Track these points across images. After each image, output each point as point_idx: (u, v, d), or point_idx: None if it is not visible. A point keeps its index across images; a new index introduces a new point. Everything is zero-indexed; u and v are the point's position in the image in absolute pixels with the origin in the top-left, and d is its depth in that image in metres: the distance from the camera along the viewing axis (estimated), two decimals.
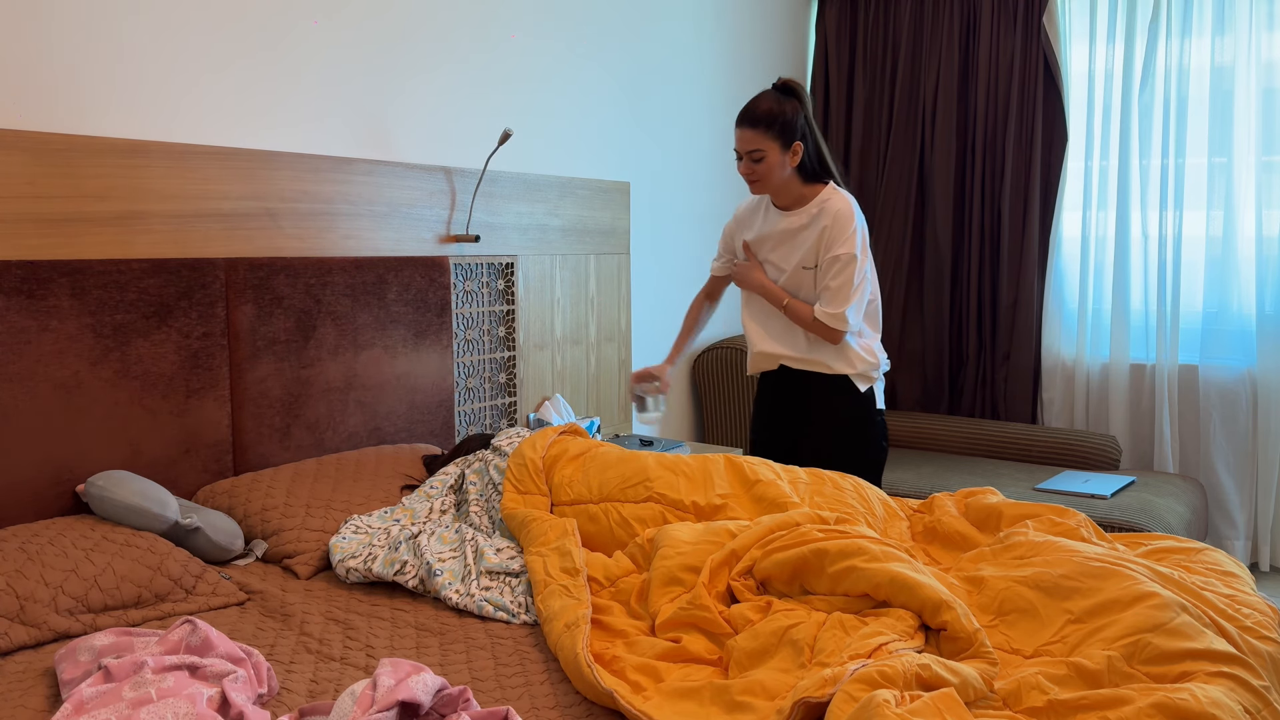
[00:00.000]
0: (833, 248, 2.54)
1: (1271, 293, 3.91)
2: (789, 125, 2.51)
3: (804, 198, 2.61)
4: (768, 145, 2.51)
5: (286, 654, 1.75)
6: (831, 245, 2.54)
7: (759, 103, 2.52)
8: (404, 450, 2.71)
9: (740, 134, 2.53)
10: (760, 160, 2.53)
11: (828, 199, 2.58)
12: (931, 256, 4.51)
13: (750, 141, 2.52)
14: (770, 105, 2.51)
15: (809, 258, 2.59)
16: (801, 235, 2.59)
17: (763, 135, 2.50)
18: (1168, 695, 1.35)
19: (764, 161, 2.53)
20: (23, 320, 2.11)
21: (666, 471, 2.21)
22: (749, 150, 2.53)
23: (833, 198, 2.58)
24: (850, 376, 2.64)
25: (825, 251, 2.55)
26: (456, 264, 3.07)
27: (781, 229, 2.63)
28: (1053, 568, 1.74)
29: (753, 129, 2.51)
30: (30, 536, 1.95)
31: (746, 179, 2.58)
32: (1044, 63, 4.21)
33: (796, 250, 2.61)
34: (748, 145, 2.52)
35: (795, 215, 2.61)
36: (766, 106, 2.51)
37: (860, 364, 2.63)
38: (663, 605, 1.78)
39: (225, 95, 2.51)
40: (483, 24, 3.17)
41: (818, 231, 2.57)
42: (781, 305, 2.61)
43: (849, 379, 2.65)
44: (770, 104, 2.51)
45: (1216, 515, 4.03)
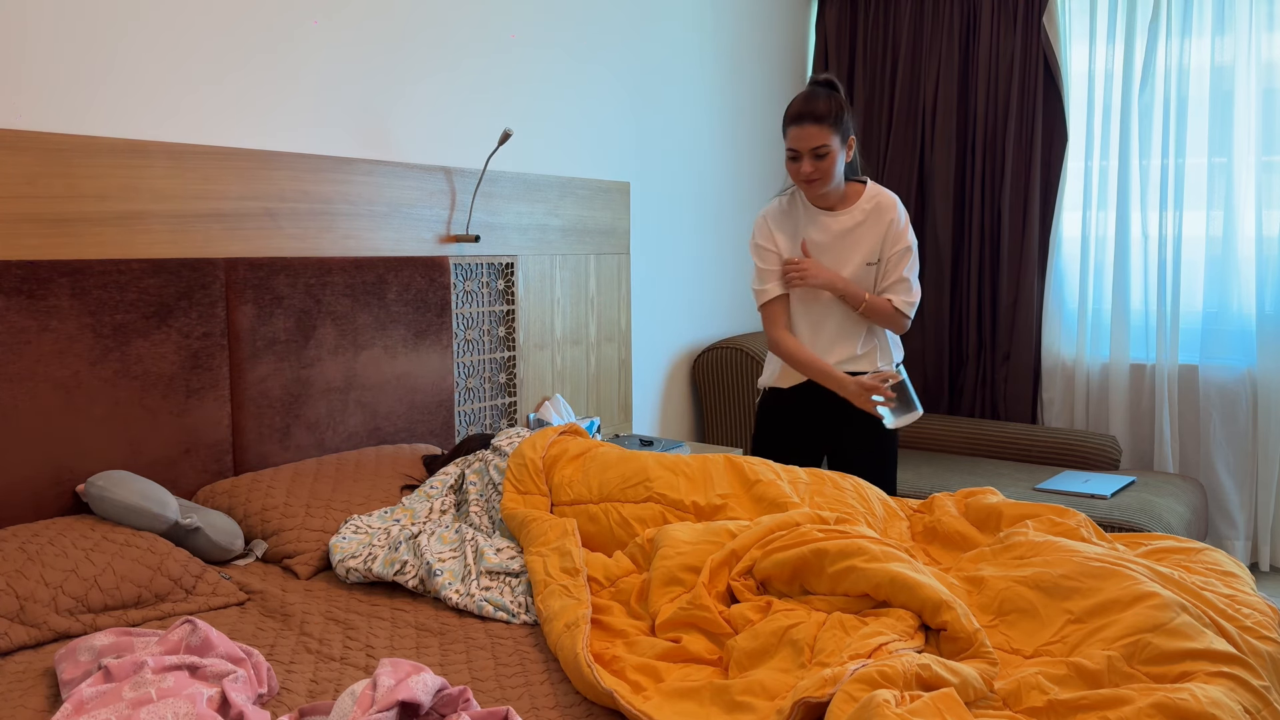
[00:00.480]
0: (900, 240, 2.60)
1: (1271, 293, 3.91)
2: (845, 120, 2.53)
3: (850, 195, 2.63)
4: (831, 140, 2.50)
5: (286, 654, 1.75)
6: (899, 239, 2.60)
7: (816, 100, 2.50)
8: (404, 450, 2.71)
9: (803, 131, 2.50)
10: (824, 156, 2.51)
11: (879, 195, 2.63)
12: (931, 256, 4.51)
13: (815, 138, 2.49)
14: (827, 102, 2.50)
15: (872, 253, 2.61)
16: (859, 232, 2.61)
17: (827, 130, 2.49)
18: (1168, 695, 1.35)
19: (828, 158, 2.51)
20: (23, 320, 2.11)
21: (666, 471, 2.21)
22: (814, 147, 2.50)
23: (883, 193, 2.63)
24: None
25: (893, 245, 2.60)
26: (456, 264, 3.07)
27: (836, 229, 2.62)
28: (1053, 568, 1.74)
29: (817, 125, 2.48)
30: (30, 536, 1.95)
31: (807, 178, 2.54)
32: (1044, 63, 4.21)
33: (857, 247, 2.61)
34: (813, 142, 2.49)
35: (848, 214, 2.62)
36: (826, 103, 2.50)
37: (898, 355, 2.72)
38: (663, 605, 1.78)
39: (225, 95, 2.51)
40: (483, 24, 3.17)
41: (882, 225, 2.60)
42: (862, 300, 2.59)
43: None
44: (828, 100, 2.50)
45: (1216, 515, 4.03)
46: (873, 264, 2.62)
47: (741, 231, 4.44)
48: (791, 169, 2.55)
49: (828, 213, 2.63)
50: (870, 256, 2.61)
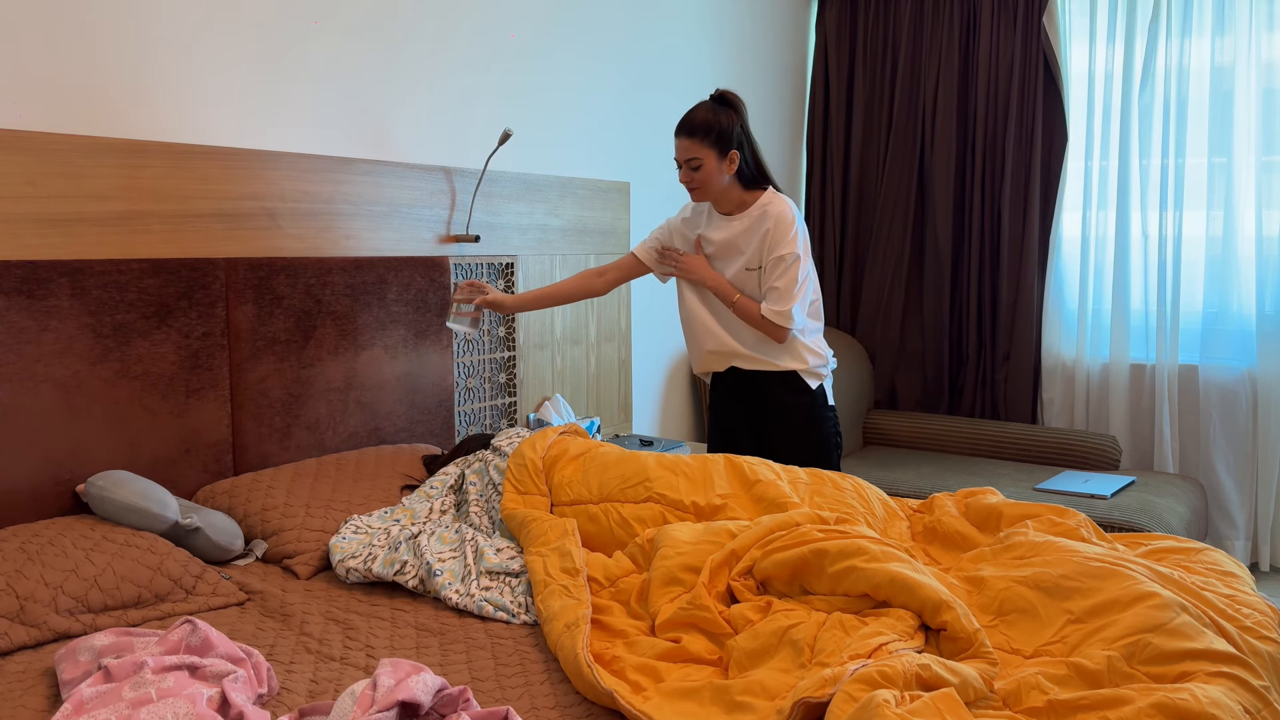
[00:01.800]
0: (776, 248, 2.62)
1: (1271, 293, 3.91)
2: (725, 134, 2.59)
3: (745, 203, 2.68)
4: (703, 154, 2.59)
5: (286, 654, 1.75)
6: (775, 246, 2.62)
7: (695, 113, 2.60)
8: (404, 450, 2.71)
9: (678, 143, 2.62)
10: (698, 168, 2.60)
11: (769, 203, 2.66)
12: (931, 256, 4.50)
13: (687, 150, 2.60)
14: (706, 115, 2.59)
15: (753, 259, 2.66)
16: (744, 238, 2.67)
17: (698, 144, 2.58)
18: (1168, 695, 1.35)
19: (701, 169, 2.60)
20: (23, 320, 2.11)
21: (666, 471, 2.21)
22: (686, 159, 2.61)
23: (773, 201, 2.67)
24: (800, 373, 2.71)
25: (769, 252, 2.63)
26: (456, 264, 3.07)
27: (725, 233, 2.69)
28: (1053, 568, 1.74)
29: (689, 138, 2.59)
30: (30, 536, 1.95)
31: (686, 186, 2.66)
32: (1044, 63, 4.21)
33: (740, 253, 2.68)
34: (685, 154, 2.61)
35: (738, 220, 2.68)
36: (702, 117, 2.59)
37: (811, 359, 2.71)
38: (663, 605, 1.78)
39: (225, 95, 2.51)
40: (483, 24, 3.17)
41: (761, 234, 2.64)
42: (732, 300, 2.66)
43: (799, 376, 2.71)
44: (706, 114, 2.59)
45: (1216, 515, 4.03)
46: (753, 269, 2.67)
47: None
48: (679, 176, 2.67)
49: (723, 216, 2.72)
50: (750, 262, 2.67)
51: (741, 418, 2.80)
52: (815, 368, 2.72)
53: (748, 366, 2.73)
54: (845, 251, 4.73)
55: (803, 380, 2.71)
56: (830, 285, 4.77)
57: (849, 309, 4.76)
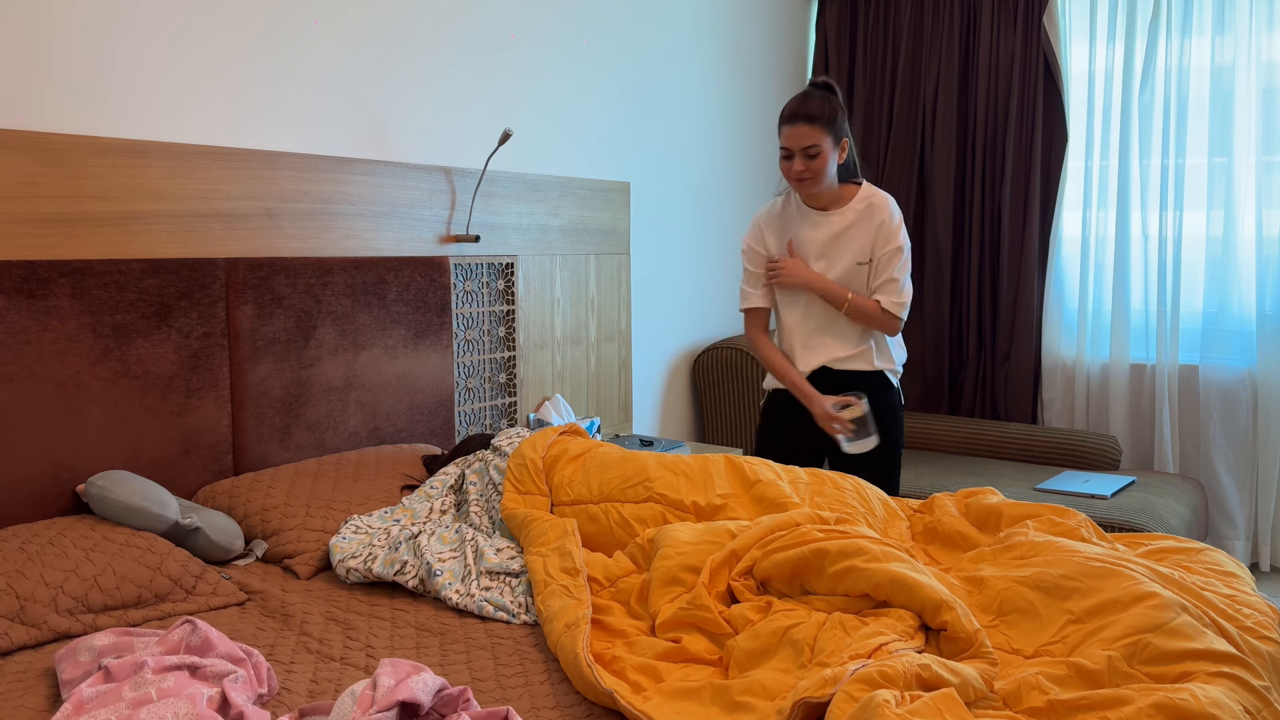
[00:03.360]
0: (891, 240, 2.61)
1: (1271, 293, 3.91)
2: (838, 122, 2.57)
3: (843, 196, 2.66)
4: (823, 141, 2.54)
5: (286, 654, 1.75)
6: (890, 239, 2.61)
7: (810, 101, 2.54)
8: (404, 450, 2.71)
9: (795, 131, 2.54)
10: (815, 156, 2.55)
11: (872, 195, 2.65)
12: (931, 256, 4.50)
13: (807, 137, 2.53)
14: (821, 103, 2.54)
15: (864, 253, 2.63)
16: (851, 232, 2.63)
17: (820, 131, 2.53)
18: (1168, 695, 1.35)
19: (819, 157, 2.55)
20: (23, 320, 2.11)
21: (666, 471, 2.21)
22: (805, 146, 2.54)
23: (876, 194, 2.65)
24: (887, 372, 2.70)
25: (884, 245, 2.61)
26: (456, 264, 3.07)
27: (826, 229, 2.65)
28: (1053, 568, 1.74)
29: (809, 125, 2.53)
30: (30, 536, 1.95)
31: (798, 177, 2.58)
32: (1044, 63, 4.21)
33: (849, 247, 2.64)
34: (804, 141, 2.53)
35: (841, 214, 2.65)
36: (819, 103, 2.54)
37: (898, 356, 2.72)
38: (663, 605, 1.78)
39: (225, 95, 2.51)
40: (483, 24, 3.17)
41: (874, 226, 2.62)
42: (844, 300, 2.61)
43: (885, 375, 2.70)
44: (821, 102, 2.55)
45: (1216, 515, 4.03)
46: (864, 264, 2.64)
47: (741, 231, 4.44)
48: (784, 167, 2.60)
49: (820, 212, 2.66)
50: (861, 256, 2.64)
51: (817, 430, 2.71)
52: (899, 365, 2.72)
53: (841, 367, 2.68)
54: None
55: (888, 379, 2.70)
56: None
57: None
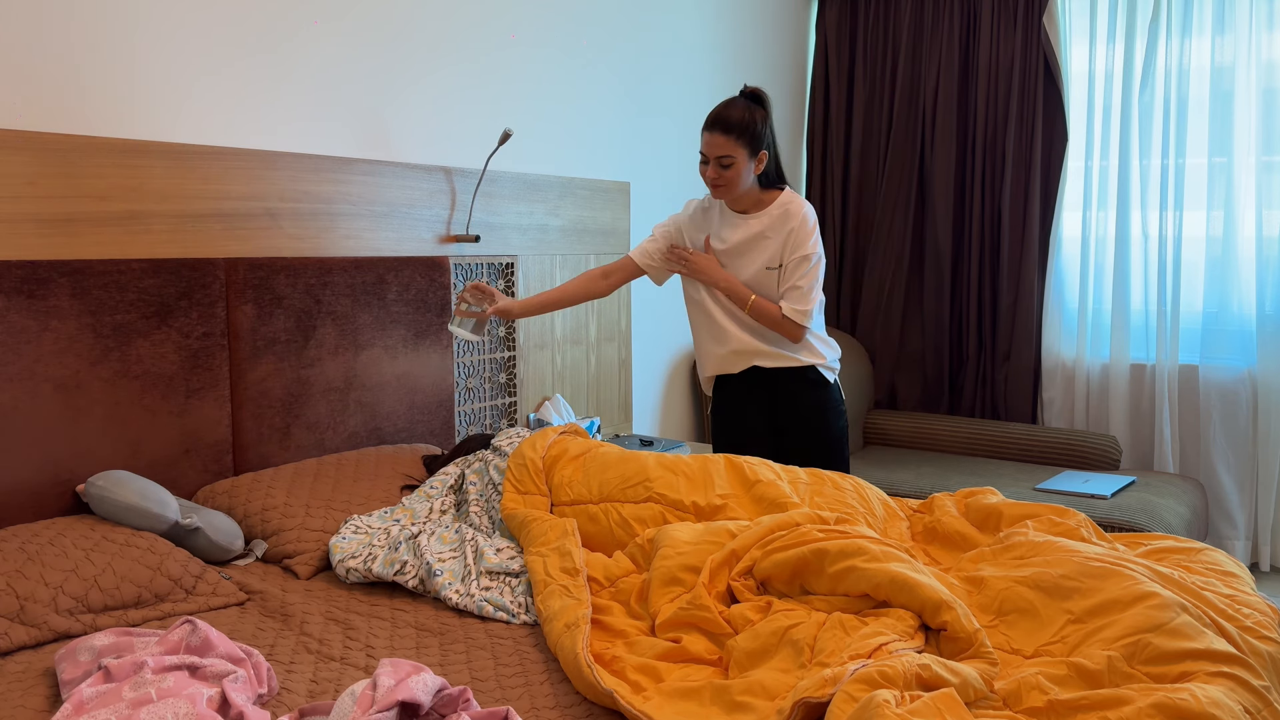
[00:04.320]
0: (800, 248, 2.61)
1: (1271, 293, 3.90)
2: (758, 134, 2.56)
3: (763, 201, 2.66)
4: (736, 152, 2.54)
5: (286, 654, 1.75)
6: (798, 245, 2.61)
7: (731, 110, 2.55)
8: (404, 450, 2.71)
9: (710, 139, 2.55)
10: (729, 166, 2.56)
11: (789, 202, 2.65)
12: (931, 256, 4.50)
13: (721, 147, 2.54)
14: (742, 113, 2.54)
15: (774, 259, 2.64)
16: (765, 237, 2.64)
17: (734, 142, 2.53)
18: (1168, 695, 1.35)
19: (732, 168, 2.56)
20: (23, 320, 2.11)
21: (666, 471, 2.21)
22: (719, 156, 2.55)
23: (793, 200, 2.65)
24: (819, 367, 2.71)
25: (792, 251, 2.61)
26: (456, 264, 3.07)
27: (742, 232, 2.66)
28: (1053, 568, 1.74)
29: (724, 135, 2.53)
30: (30, 536, 1.95)
31: (711, 183, 2.60)
32: (1044, 63, 4.21)
33: (760, 252, 2.65)
34: (718, 151, 2.55)
35: (757, 218, 2.65)
36: (739, 114, 2.54)
37: (827, 352, 2.72)
38: (663, 605, 1.78)
39: (225, 95, 2.51)
40: (483, 24, 3.17)
41: (785, 233, 2.62)
42: (747, 301, 2.63)
43: (819, 370, 2.71)
44: (742, 112, 2.54)
45: (1216, 515, 4.03)
46: (773, 269, 2.65)
47: None
48: (701, 171, 2.61)
49: (739, 215, 2.68)
50: (771, 261, 2.65)
51: (755, 418, 2.76)
52: (831, 361, 2.72)
53: (769, 364, 2.70)
54: (845, 252, 4.73)
55: (821, 374, 2.71)
56: (830, 285, 4.77)
57: (849, 309, 4.76)
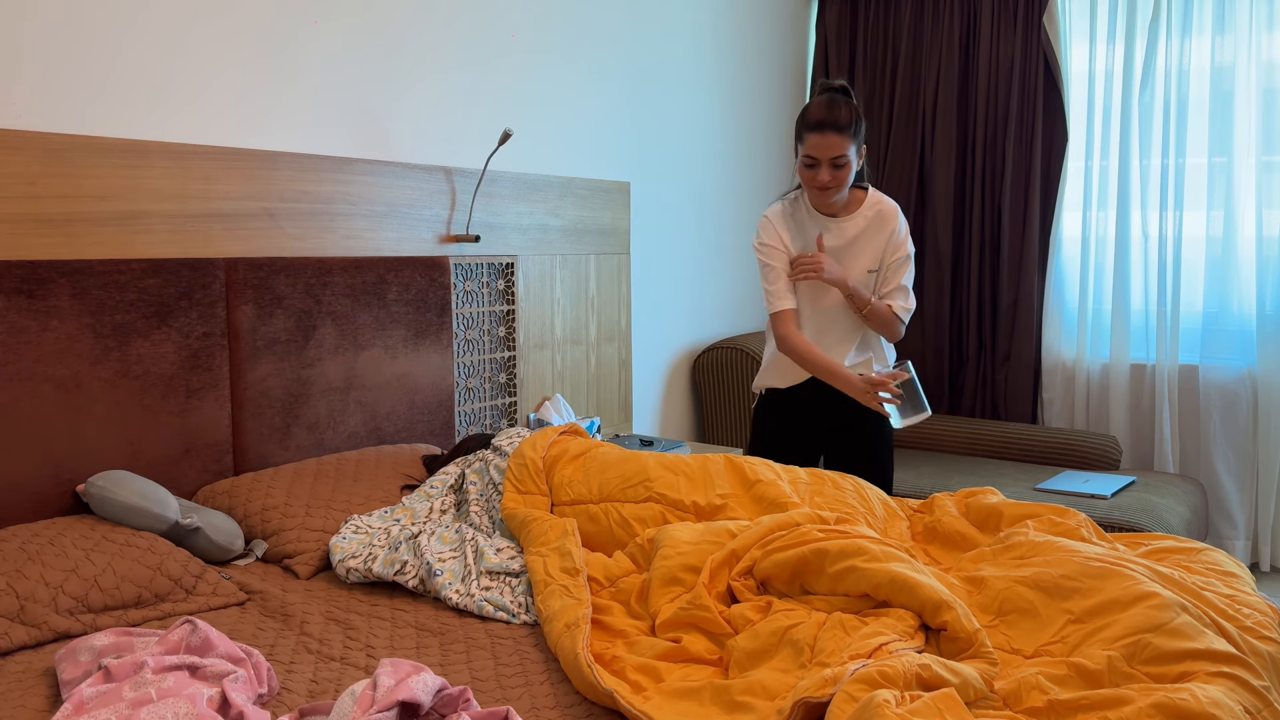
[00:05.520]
0: (901, 249, 2.61)
1: (1271, 293, 3.91)
2: (862, 130, 2.52)
3: (852, 202, 2.63)
4: (850, 151, 2.48)
5: (286, 654, 1.75)
6: (899, 247, 2.61)
7: (838, 108, 2.46)
8: (404, 450, 2.71)
9: (823, 140, 2.46)
10: (843, 166, 2.49)
11: (880, 202, 2.63)
12: (931, 256, 4.50)
13: (836, 147, 2.46)
14: (849, 110, 2.47)
15: (874, 260, 2.62)
16: (862, 239, 2.61)
17: (847, 140, 2.47)
18: (1168, 695, 1.35)
19: (845, 168, 2.49)
20: (23, 320, 2.11)
21: (666, 471, 2.21)
22: (834, 156, 2.47)
23: (884, 201, 2.63)
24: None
25: (893, 253, 2.61)
26: (456, 264, 3.07)
27: (839, 237, 2.62)
28: (1053, 568, 1.74)
29: (839, 134, 2.45)
30: (30, 536, 1.95)
31: (822, 186, 2.50)
32: (1044, 63, 4.21)
33: (860, 254, 2.62)
34: (833, 151, 2.46)
35: (851, 220, 2.61)
36: (847, 112, 2.46)
37: (891, 358, 2.74)
38: (663, 605, 1.78)
39: (225, 95, 2.51)
40: (483, 24, 3.17)
41: (885, 234, 2.61)
42: (867, 303, 2.59)
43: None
44: (848, 109, 2.47)
45: (1216, 515, 4.03)
46: (874, 271, 2.63)
47: (742, 231, 4.44)
48: (807, 176, 2.52)
49: (831, 218, 2.63)
50: (872, 264, 2.62)
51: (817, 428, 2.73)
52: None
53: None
54: None
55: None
56: None
57: None
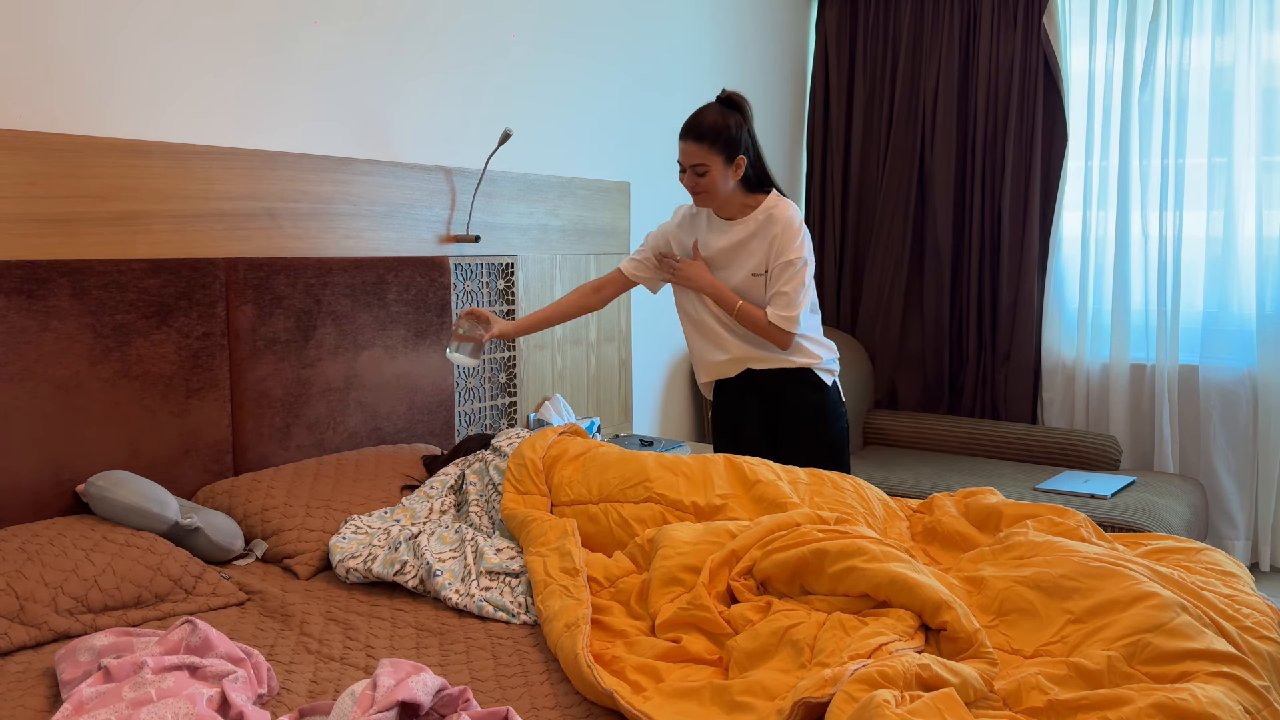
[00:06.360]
0: (784, 253, 2.57)
1: (1271, 293, 3.91)
2: (732, 140, 2.52)
3: (748, 206, 2.64)
4: (711, 159, 2.52)
5: (286, 654, 1.75)
6: (783, 251, 2.57)
7: (703, 116, 2.52)
8: (404, 450, 2.71)
9: (684, 147, 2.54)
10: (704, 174, 2.54)
11: (773, 206, 2.62)
12: (931, 256, 4.50)
13: (694, 155, 2.52)
14: (714, 119, 2.51)
15: (759, 265, 2.61)
16: (750, 243, 2.62)
17: (706, 149, 2.51)
18: (1168, 695, 1.35)
19: (708, 175, 2.54)
20: (23, 320, 2.11)
21: (666, 472, 2.21)
22: (693, 164, 2.53)
23: (778, 205, 2.62)
24: (815, 369, 2.68)
25: (776, 257, 2.58)
26: (456, 264, 3.07)
27: (727, 239, 2.64)
28: (1053, 568, 1.74)
29: (697, 143, 2.51)
30: (30, 536, 1.95)
31: (690, 191, 2.59)
32: (1044, 63, 4.21)
33: (747, 258, 2.63)
34: (691, 159, 2.53)
35: (741, 224, 2.63)
36: (710, 121, 2.51)
37: (824, 353, 2.70)
38: (663, 605, 1.78)
39: (225, 95, 2.51)
40: (482, 24, 3.17)
41: (768, 239, 2.59)
42: (735, 308, 2.61)
43: (814, 372, 2.69)
44: (714, 118, 2.51)
45: (1216, 515, 4.03)
46: (759, 275, 2.62)
47: None
48: (680, 179, 2.60)
49: (725, 221, 2.66)
50: (757, 268, 2.62)
51: (753, 421, 2.75)
52: (828, 362, 2.70)
53: (762, 366, 2.68)
54: (845, 251, 4.73)
55: (818, 376, 2.69)
56: (830, 285, 4.77)
57: (849, 309, 4.76)
